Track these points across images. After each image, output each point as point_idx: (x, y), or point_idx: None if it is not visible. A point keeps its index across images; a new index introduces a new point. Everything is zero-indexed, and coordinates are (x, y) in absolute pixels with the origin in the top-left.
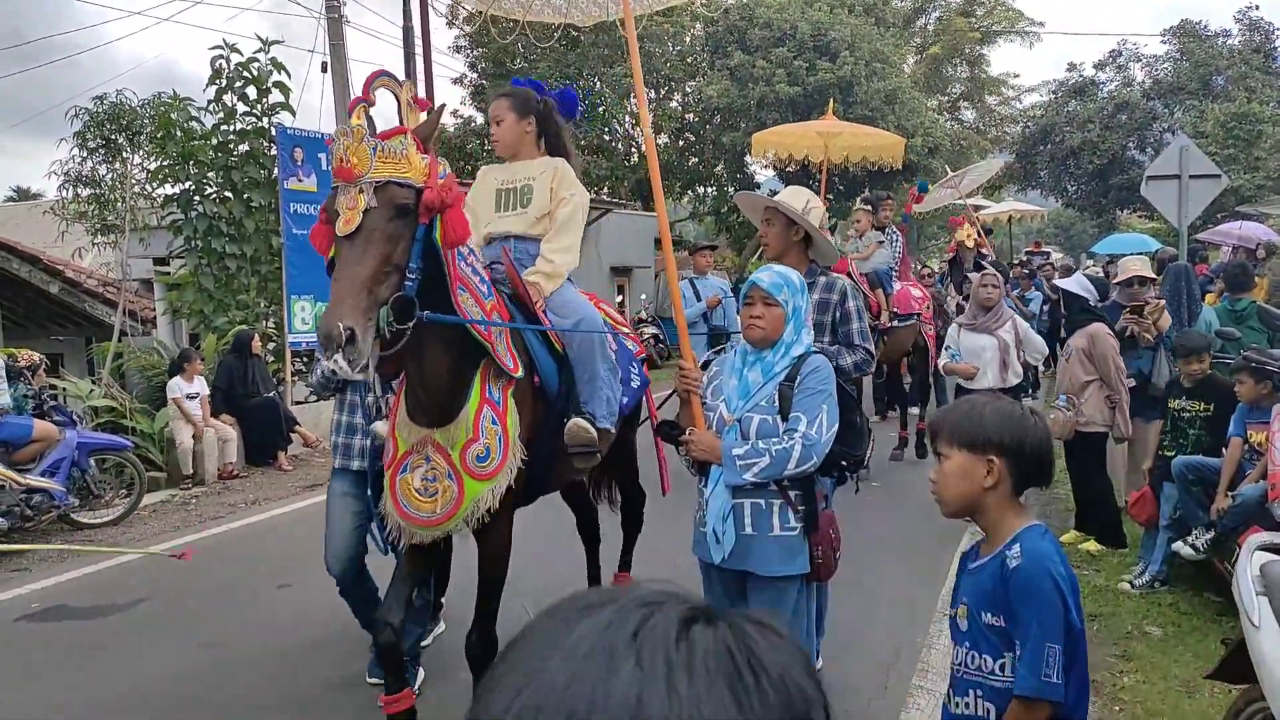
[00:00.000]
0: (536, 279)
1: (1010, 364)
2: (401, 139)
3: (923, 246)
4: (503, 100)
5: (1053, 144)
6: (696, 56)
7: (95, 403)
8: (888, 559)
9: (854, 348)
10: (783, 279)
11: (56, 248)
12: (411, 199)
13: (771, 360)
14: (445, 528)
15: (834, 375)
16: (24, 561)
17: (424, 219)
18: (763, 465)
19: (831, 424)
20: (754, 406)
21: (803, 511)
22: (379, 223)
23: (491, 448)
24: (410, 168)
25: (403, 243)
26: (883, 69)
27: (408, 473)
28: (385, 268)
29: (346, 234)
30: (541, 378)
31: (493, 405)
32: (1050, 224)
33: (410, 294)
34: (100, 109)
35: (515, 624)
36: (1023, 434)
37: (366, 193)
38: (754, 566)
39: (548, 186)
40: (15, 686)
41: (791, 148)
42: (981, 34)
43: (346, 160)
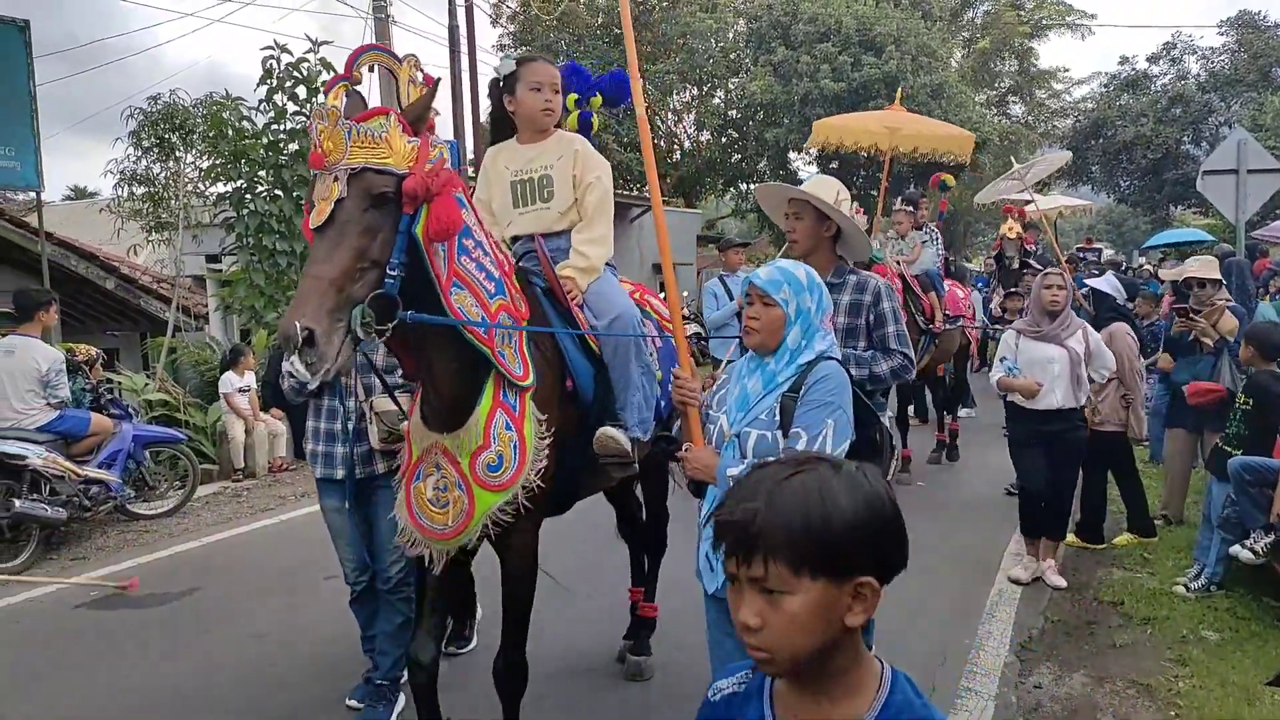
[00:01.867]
0: (571, 274)
1: (1082, 380)
2: (382, 120)
3: (969, 243)
4: (556, 69)
5: (1104, 139)
6: (740, 53)
7: (150, 397)
8: (932, 560)
9: (890, 353)
10: (784, 275)
11: (112, 245)
12: (391, 187)
13: (774, 368)
14: (458, 542)
15: (848, 385)
16: (83, 550)
17: (408, 209)
18: None
19: (839, 441)
20: (752, 420)
21: None
22: (353, 214)
23: (505, 455)
24: (391, 152)
25: (381, 235)
26: (929, 63)
27: (420, 481)
28: (360, 263)
29: (317, 226)
30: (575, 381)
31: (508, 409)
32: (1102, 220)
33: (391, 292)
34: (154, 109)
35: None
36: (881, 513)
37: (340, 181)
38: None
39: (569, 174)
40: (73, 672)
41: (856, 136)
42: (1031, 27)
43: (320, 145)
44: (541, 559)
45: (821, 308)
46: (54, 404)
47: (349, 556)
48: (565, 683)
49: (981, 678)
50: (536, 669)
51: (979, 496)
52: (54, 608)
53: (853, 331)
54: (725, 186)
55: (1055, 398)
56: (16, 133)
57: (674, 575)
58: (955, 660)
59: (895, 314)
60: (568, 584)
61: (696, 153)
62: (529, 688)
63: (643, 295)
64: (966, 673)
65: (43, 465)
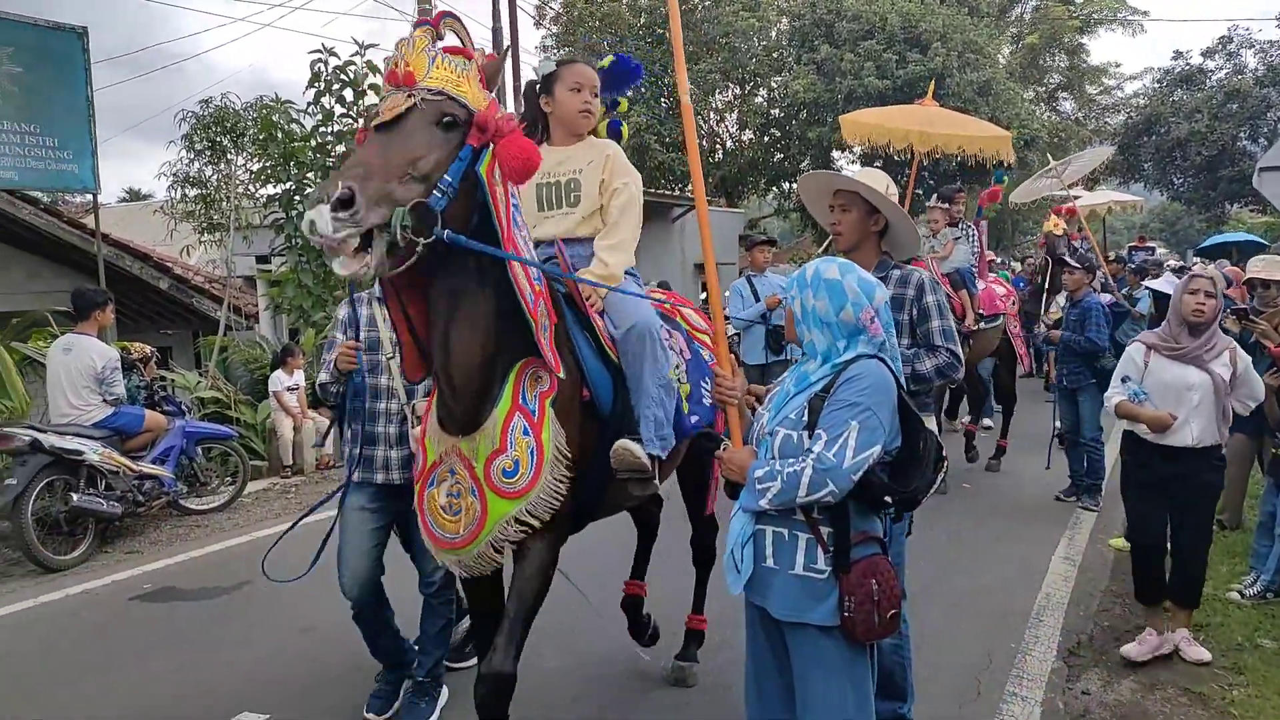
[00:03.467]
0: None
1: (1226, 412)
2: (465, 60)
3: (1016, 242)
4: (594, 72)
5: (1157, 135)
6: (782, 51)
7: (202, 394)
8: (978, 561)
9: (935, 349)
10: (800, 273)
11: (165, 246)
12: (462, 115)
13: (809, 368)
14: (469, 551)
15: (886, 387)
16: (137, 544)
17: (473, 140)
18: (776, 489)
19: (864, 445)
20: (782, 420)
21: (833, 551)
22: (417, 124)
23: (521, 461)
24: (469, 89)
25: (438, 154)
26: (976, 60)
27: (434, 487)
28: (411, 169)
29: (379, 124)
30: (592, 390)
31: (526, 414)
32: (1155, 218)
33: (435, 205)
34: (206, 113)
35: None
36: None
37: (415, 97)
38: (771, 605)
39: (597, 179)
40: (127, 664)
41: (889, 134)
42: (1081, 23)
43: (401, 66)
44: (574, 566)
45: (839, 306)
46: (110, 401)
47: (351, 564)
48: (601, 685)
49: (1028, 683)
50: (573, 672)
51: (1027, 500)
52: (109, 600)
53: (895, 327)
54: (767, 186)
55: (1191, 432)
56: (75, 137)
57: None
58: (1001, 664)
59: (941, 308)
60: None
61: (739, 152)
62: (563, 690)
63: (674, 306)
64: (1013, 677)
65: (99, 461)
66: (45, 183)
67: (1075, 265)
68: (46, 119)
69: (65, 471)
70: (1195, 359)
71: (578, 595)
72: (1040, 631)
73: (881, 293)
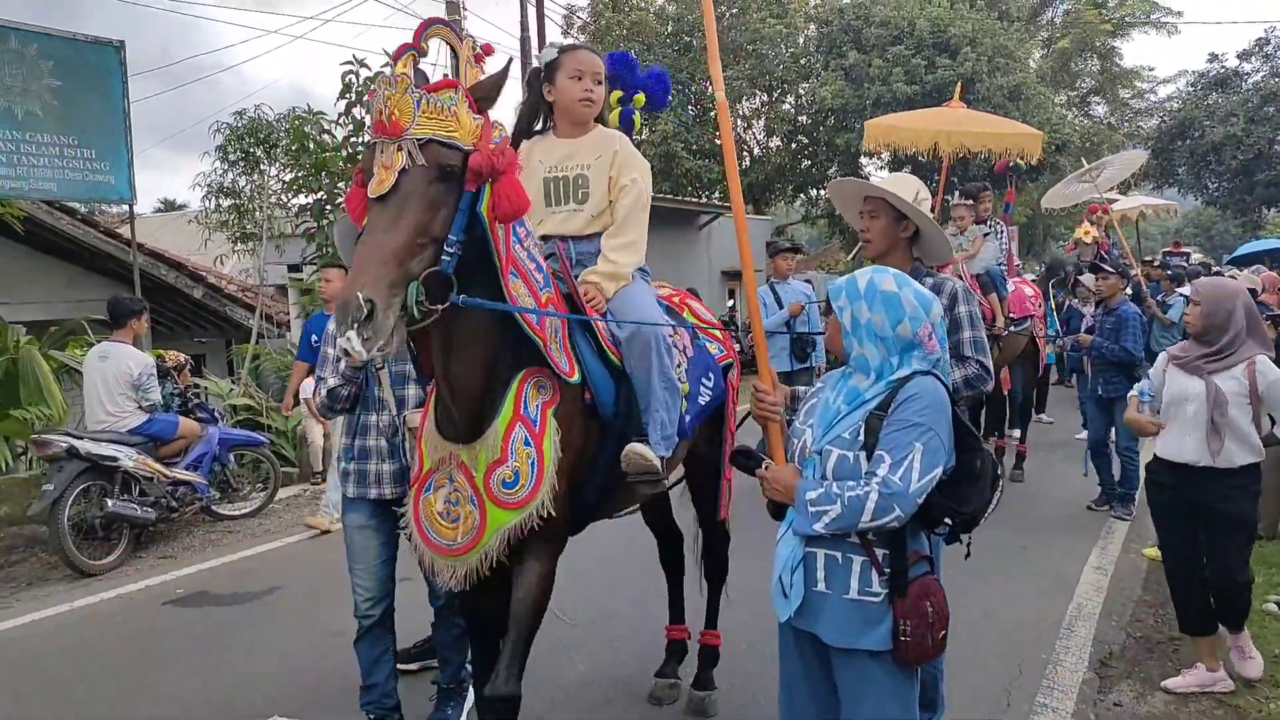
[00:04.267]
0: (596, 279)
1: (1231, 429)
2: (451, 94)
3: (1046, 248)
4: (599, 59)
5: (1192, 139)
6: (810, 58)
7: (234, 401)
8: (1009, 570)
9: (964, 360)
10: (846, 283)
11: (200, 255)
12: (458, 162)
13: (861, 385)
14: (467, 560)
15: (945, 405)
16: (170, 549)
17: (470, 186)
18: (834, 515)
19: (928, 468)
20: (835, 439)
21: (889, 574)
22: (418, 185)
23: (522, 472)
24: (459, 126)
25: (443, 211)
26: (1006, 64)
27: (431, 492)
28: (420, 238)
29: (379, 195)
30: (594, 393)
31: (527, 423)
32: (1189, 223)
33: (447, 270)
34: (240, 124)
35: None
36: None
37: (406, 151)
38: (822, 632)
39: (605, 175)
40: (160, 667)
41: (914, 137)
42: (1113, 26)
43: (386, 113)
44: (590, 579)
45: (896, 320)
46: (145, 407)
47: (364, 584)
48: (630, 690)
49: (1059, 694)
50: (603, 676)
51: (1059, 508)
52: (143, 604)
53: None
54: (795, 193)
55: (1186, 448)
56: (111, 148)
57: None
58: (1031, 674)
59: (973, 319)
60: (611, 608)
61: (766, 159)
62: (592, 695)
63: (682, 300)
64: (1043, 688)
65: (133, 467)
66: (83, 193)
67: (1110, 270)
68: (84, 131)
69: (101, 477)
70: (1195, 369)
71: (603, 602)
72: (1071, 642)
73: (938, 307)
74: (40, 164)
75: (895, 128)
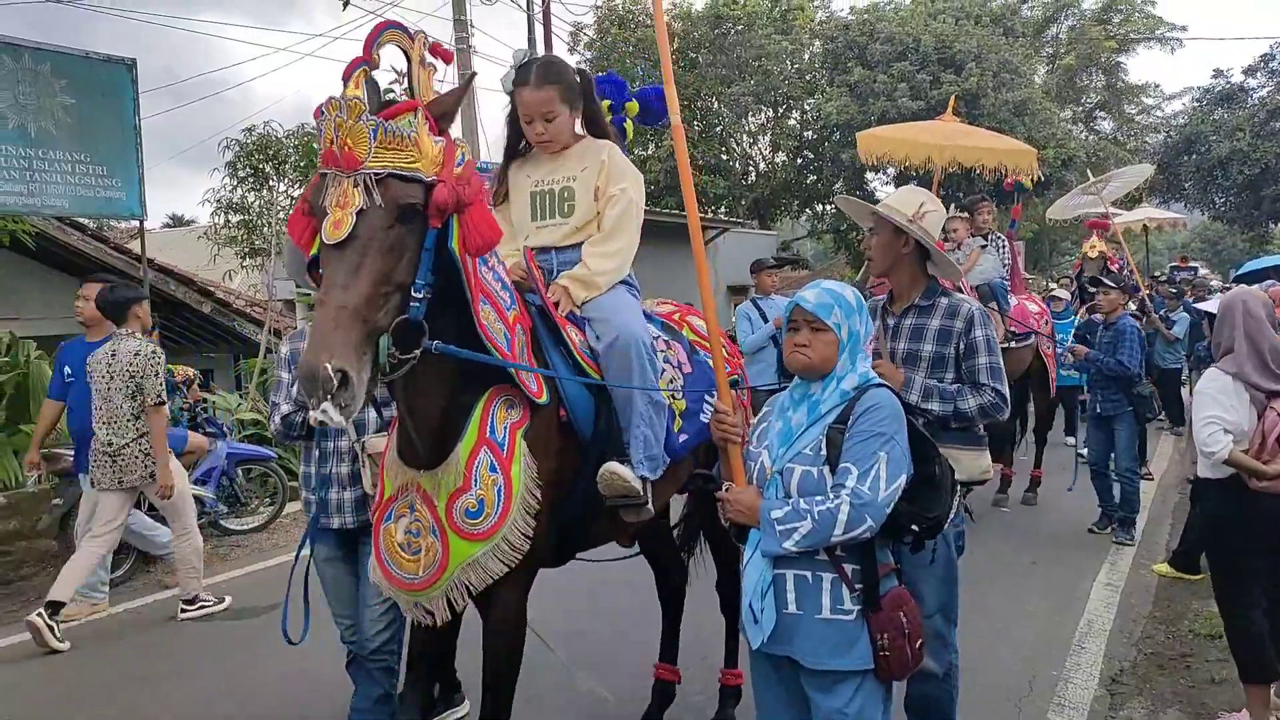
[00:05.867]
0: (565, 283)
1: None
2: (410, 118)
3: (1055, 263)
4: (547, 91)
5: (1198, 154)
6: (815, 73)
7: (242, 416)
8: (1018, 587)
9: (980, 388)
10: (833, 297)
11: (208, 270)
12: (419, 197)
13: (818, 397)
14: (428, 595)
15: (901, 414)
16: None
17: (435, 223)
18: (804, 531)
19: (893, 476)
20: (796, 455)
21: (860, 589)
22: (377, 230)
23: (487, 501)
24: (419, 155)
25: (407, 255)
26: (1011, 80)
27: (392, 522)
28: (384, 288)
29: (335, 242)
30: (570, 412)
31: (493, 448)
32: (1196, 238)
33: (417, 317)
34: (249, 140)
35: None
36: None
37: (362, 187)
38: (799, 655)
39: (592, 185)
40: (172, 679)
41: (906, 149)
42: (1118, 42)
43: (339, 143)
44: (597, 607)
45: (869, 331)
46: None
47: (342, 615)
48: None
49: (1070, 711)
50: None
51: (1068, 525)
52: (152, 618)
53: (940, 361)
54: (800, 208)
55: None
56: (122, 164)
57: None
58: (1042, 691)
59: (990, 344)
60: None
61: (771, 174)
62: (600, 715)
63: (683, 316)
64: (1054, 705)
65: None
66: (94, 209)
67: (1111, 285)
68: (96, 147)
69: None
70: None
71: (609, 623)
72: (1082, 658)
73: None
74: (52, 180)
75: (887, 139)
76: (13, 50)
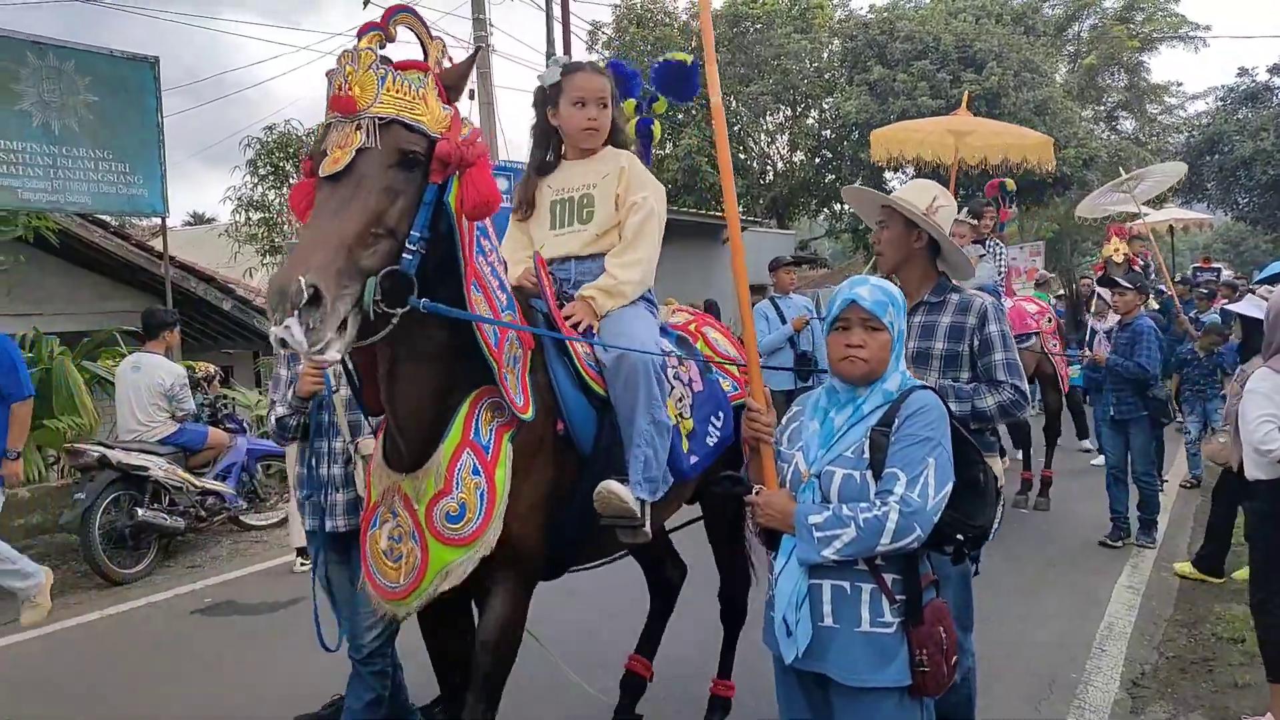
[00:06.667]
0: (591, 293)
1: None
2: (420, 75)
3: (1075, 263)
4: (604, 79)
5: (1221, 154)
6: (834, 72)
7: (262, 412)
8: (1038, 590)
9: (998, 385)
10: (886, 295)
11: (229, 267)
12: (422, 148)
13: (862, 398)
14: (409, 605)
15: (947, 418)
16: (198, 559)
17: (435, 178)
18: (847, 539)
19: (942, 483)
20: (836, 459)
21: (901, 601)
22: (375, 167)
23: (468, 505)
24: (426, 111)
25: (402, 201)
26: (1032, 79)
27: (376, 528)
28: (375, 227)
29: (330, 174)
30: (569, 424)
31: (477, 450)
32: (1219, 239)
33: (408, 270)
34: (270, 139)
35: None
36: None
37: (365, 129)
38: (834, 671)
39: (612, 194)
40: (187, 675)
41: (917, 146)
42: (1141, 41)
43: (346, 88)
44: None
45: (904, 330)
46: (180, 416)
47: (357, 620)
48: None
49: (1090, 714)
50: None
51: (1087, 526)
52: (172, 613)
53: (954, 360)
54: (819, 207)
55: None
56: (145, 162)
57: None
58: (1062, 694)
59: (1005, 339)
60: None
61: (790, 173)
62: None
63: (699, 327)
64: (1074, 708)
65: (163, 476)
66: (116, 206)
67: (1126, 285)
68: (118, 145)
69: (131, 487)
70: None
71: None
72: (1102, 661)
73: None
74: (75, 177)
75: (899, 138)
76: (37, 48)
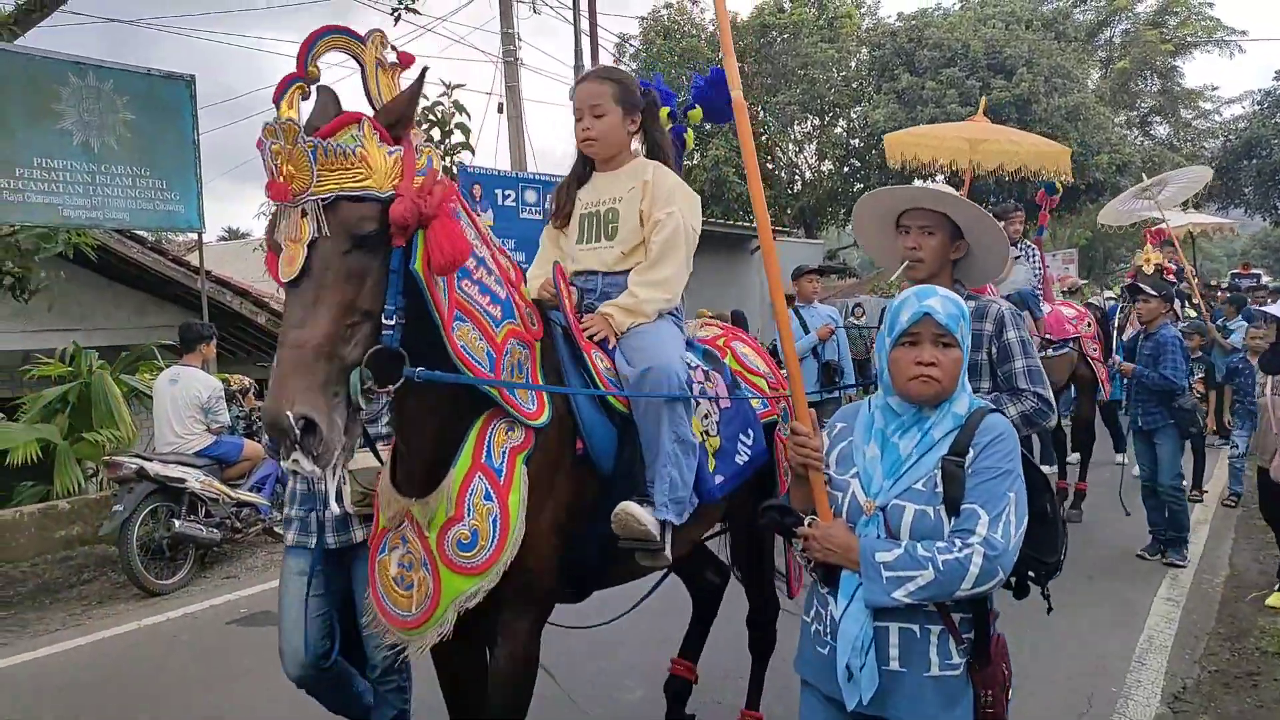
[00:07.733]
0: (610, 310)
1: None
2: (352, 132)
3: (1110, 270)
4: (602, 85)
5: (1259, 159)
6: (862, 81)
7: None
8: (1075, 601)
9: (1019, 394)
10: (958, 307)
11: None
12: (375, 216)
13: (931, 422)
14: (422, 635)
15: (1018, 444)
16: (234, 569)
17: (398, 241)
18: (923, 582)
19: (1021, 519)
20: (906, 492)
21: (969, 641)
22: (331, 259)
23: (481, 532)
24: (369, 172)
25: (370, 280)
26: (1064, 85)
27: (386, 554)
28: (349, 318)
29: (290, 279)
30: (588, 444)
31: (489, 474)
32: (1257, 244)
33: (393, 345)
34: None
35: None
36: None
37: (311, 217)
38: (893, 715)
39: (636, 208)
40: (223, 684)
41: (933, 151)
42: (1174, 45)
43: (279, 172)
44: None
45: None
46: (215, 429)
47: (289, 639)
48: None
49: None
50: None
51: (1126, 537)
52: (209, 623)
53: (972, 369)
54: (847, 217)
55: None
56: (181, 178)
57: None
58: (1102, 708)
59: (1025, 345)
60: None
61: (818, 183)
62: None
63: (728, 341)
64: None
65: (200, 488)
66: (154, 222)
67: (1151, 293)
68: (156, 162)
69: (168, 498)
70: None
71: (661, 628)
72: (1143, 675)
73: None
74: (114, 194)
75: (913, 142)
76: (78, 68)
